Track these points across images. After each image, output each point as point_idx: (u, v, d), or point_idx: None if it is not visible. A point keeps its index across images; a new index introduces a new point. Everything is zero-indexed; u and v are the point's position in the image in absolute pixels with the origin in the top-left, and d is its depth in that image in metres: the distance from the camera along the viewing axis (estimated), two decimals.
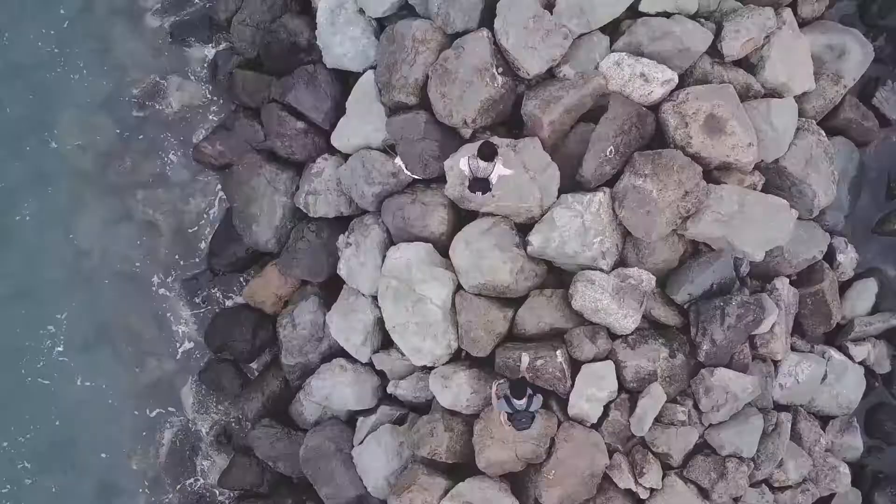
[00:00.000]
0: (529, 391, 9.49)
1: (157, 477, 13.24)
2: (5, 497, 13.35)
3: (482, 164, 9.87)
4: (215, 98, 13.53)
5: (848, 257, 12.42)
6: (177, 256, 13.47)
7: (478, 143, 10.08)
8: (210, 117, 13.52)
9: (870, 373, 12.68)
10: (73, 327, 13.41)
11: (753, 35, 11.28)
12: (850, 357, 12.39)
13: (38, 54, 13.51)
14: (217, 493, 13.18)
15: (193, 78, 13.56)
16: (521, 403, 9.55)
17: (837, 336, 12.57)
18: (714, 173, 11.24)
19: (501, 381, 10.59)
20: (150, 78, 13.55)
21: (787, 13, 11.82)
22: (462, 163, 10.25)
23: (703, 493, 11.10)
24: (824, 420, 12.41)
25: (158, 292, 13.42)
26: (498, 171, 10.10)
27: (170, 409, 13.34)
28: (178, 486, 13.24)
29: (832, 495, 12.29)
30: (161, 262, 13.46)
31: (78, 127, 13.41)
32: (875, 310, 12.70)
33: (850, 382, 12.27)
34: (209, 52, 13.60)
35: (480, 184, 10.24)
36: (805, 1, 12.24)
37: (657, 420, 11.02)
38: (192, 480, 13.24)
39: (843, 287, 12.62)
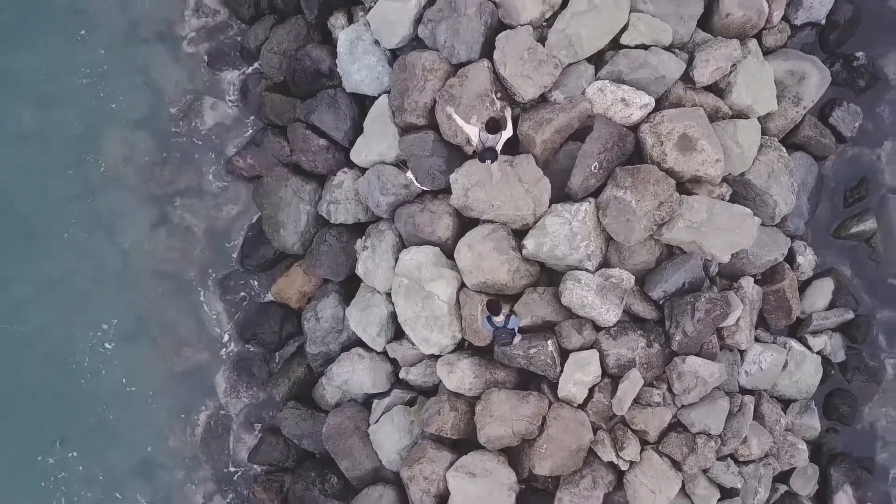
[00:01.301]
0: (510, 312, 11.08)
1: (194, 454, 14.73)
2: (56, 468, 14.71)
3: (490, 136, 11.30)
4: (246, 117, 14.94)
5: (807, 259, 13.89)
6: (211, 258, 14.88)
7: (486, 119, 11.49)
8: (241, 134, 14.93)
9: (827, 361, 14.15)
10: (117, 321, 14.82)
11: (721, 64, 12.76)
12: (809, 347, 13.86)
13: (86, 76, 14.94)
14: (247, 468, 14.62)
15: (226, 99, 14.98)
16: (499, 320, 11.14)
17: (798, 329, 14.05)
18: (686, 185, 12.70)
19: (481, 310, 12.00)
20: (186, 98, 14.99)
21: (753, 43, 13.29)
22: (473, 135, 11.59)
23: (676, 465, 12.54)
24: (786, 403, 13.88)
25: (194, 289, 14.83)
26: (504, 139, 11.50)
27: (205, 393, 14.77)
28: (212, 463, 14.72)
29: (792, 469, 13.77)
30: (196, 262, 14.89)
31: (122, 142, 14.86)
32: (832, 305, 14.17)
33: (808, 370, 13.75)
34: (240, 76, 15.00)
35: (489, 153, 11.52)
36: (769, 32, 13.70)
37: (636, 401, 12.45)
38: (224, 457, 14.71)
39: (804, 285, 14.06)
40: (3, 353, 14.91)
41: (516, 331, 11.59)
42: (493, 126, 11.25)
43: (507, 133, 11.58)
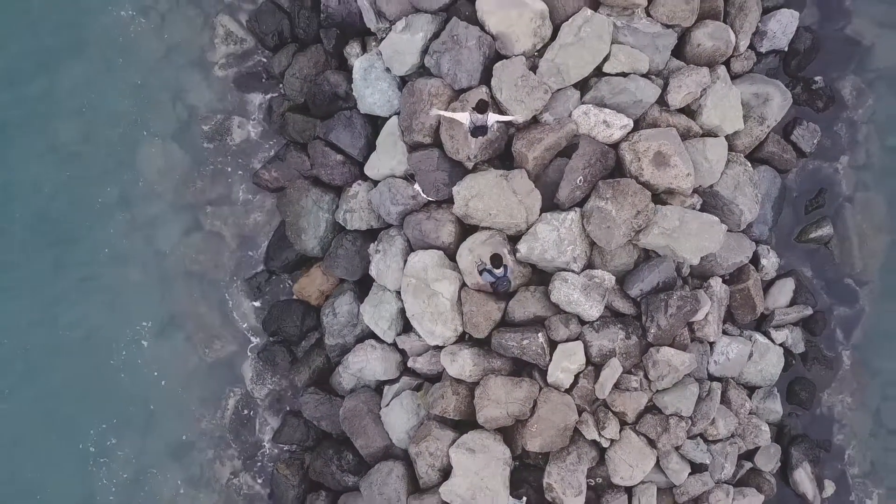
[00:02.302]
0: (504, 264, 12.87)
1: (223, 436, 16.22)
2: (97, 446, 16.15)
3: (479, 116, 12.83)
4: (270, 135, 16.40)
5: (770, 261, 15.47)
6: (239, 260, 16.34)
7: (476, 101, 13.04)
8: (266, 150, 16.38)
9: (788, 353, 15.71)
10: (154, 316, 16.32)
11: (692, 89, 14.31)
12: (772, 340, 15.42)
13: (127, 97, 16.37)
14: (271, 447, 16.12)
15: (252, 118, 16.43)
16: (499, 272, 12.83)
17: (762, 323, 15.60)
18: (661, 196, 14.26)
19: (480, 264, 13.51)
20: (217, 118, 16.42)
21: (722, 69, 14.83)
22: (464, 117, 13.03)
23: (651, 443, 14.08)
24: (751, 389, 15.43)
25: (224, 288, 16.28)
26: (493, 118, 13.04)
27: (233, 381, 16.26)
28: (240, 443, 16.20)
29: (757, 448, 15.31)
30: (225, 264, 16.36)
31: (159, 156, 16.33)
32: (793, 303, 15.72)
33: (771, 360, 15.32)
34: (265, 98, 16.45)
35: (480, 130, 13.12)
36: (737, 59, 15.28)
37: (616, 386, 13.96)
38: (250, 438, 16.21)
39: (767, 285, 15.60)
40: (50, 348, 16.34)
41: (511, 280, 13.27)
42: (482, 107, 12.77)
43: (494, 116, 13.08)
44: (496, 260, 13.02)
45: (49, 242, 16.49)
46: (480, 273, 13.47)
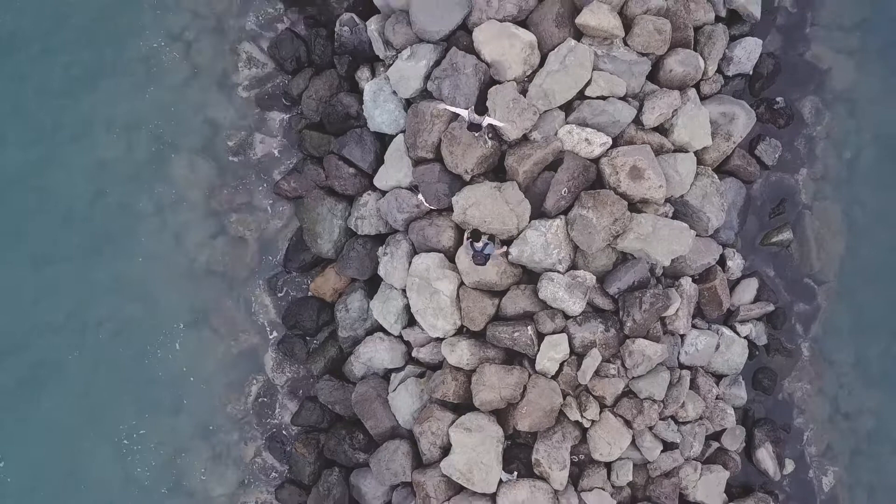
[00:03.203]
0: (485, 240, 14.54)
1: (246, 418, 17.71)
2: (133, 429, 17.63)
3: (477, 116, 14.59)
4: (289, 149, 17.89)
5: (735, 263, 17.18)
6: (260, 262, 17.81)
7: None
8: (285, 163, 17.85)
9: (752, 345, 17.40)
10: (184, 312, 17.75)
11: (664, 110, 15.96)
12: (737, 333, 17.11)
13: (157, 115, 17.85)
14: (289, 429, 17.66)
15: (273, 134, 17.93)
16: (479, 245, 14.46)
17: (728, 318, 17.28)
18: (636, 205, 15.87)
19: (467, 238, 15.05)
20: (240, 134, 17.87)
21: (692, 91, 16.47)
22: (465, 113, 14.72)
23: (628, 423, 15.72)
24: (718, 377, 17.11)
25: (247, 287, 17.75)
26: (488, 121, 14.74)
27: (255, 370, 17.75)
28: (261, 425, 17.74)
29: (723, 430, 17.01)
30: (249, 265, 17.80)
31: (188, 168, 17.78)
32: (756, 299, 17.42)
33: (736, 351, 17.01)
34: (285, 116, 17.91)
35: (475, 127, 14.85)
36: (706, 82, 16.96)
37: (596, 373, 15.56)
38: (270, 420, 17.75)
39: (733, 284, 17.28)
40: (91, 342, 17.76)
41: (490, 254, 14.89)
42: (481, 110, 14.54)
43: (489, 119, 14.81)
44: (475, 234, 14.75)
45: (88, 244, 17.91)
46: (465, 247, 15.16)
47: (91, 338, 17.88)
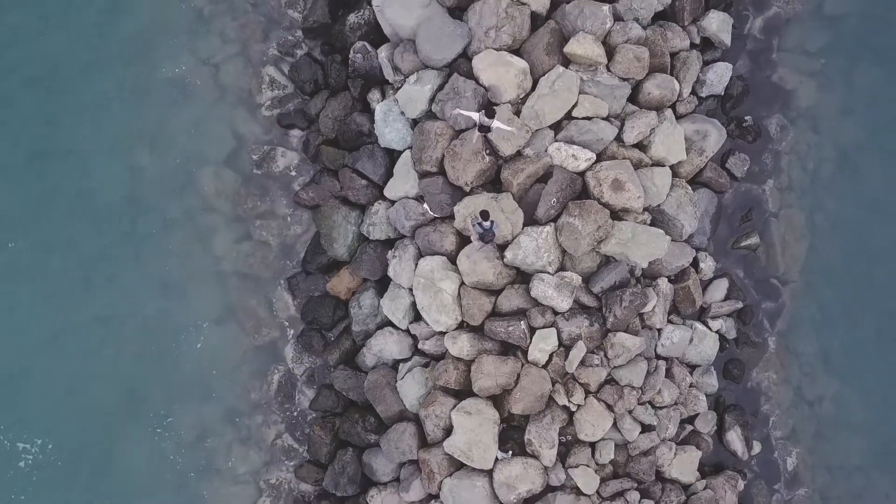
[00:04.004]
0: (491, 219, 15.90)
1: (268, 404, 19.27)
2: (160, 420, 19.15)
3: (486, 119, 16.09)
4: (307, 163, 19.40)
5: (707, 264, 18.93)
6: (281, 263, 19.37)
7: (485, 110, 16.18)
8: (304, 175, 19.38)
9: (723, 338, 19.04)
10: (212, 308, 19.28)
11: (643, 129, 17.70)
12: (709, 328, 18.78)
13: (188, 130, 19.46)
14: (308, 413, 19.22)
15: (293, 149, 19.48)
16: (486, 224, 15.94)
17: (701, 314, 18.95)
18: (618, 213, 17.54)
19: (474, 219, 16.40)
20: (263, 148, 19.40)
21: (668, 112, 18.16)
22: (476, 117, 16.20)
23: (610, 408, 17.37)
24: (692, 367, 18.80)
25: (269, 286, 19.28)
26: (497, 124, 16.19)
27: (277, 361, 19.30)
28: (282, 410, 19.30)
29: (697, 415, 18.75)
30: (271, 266, 19.32)
31: (215, 179, 19.34)
32: (727, 298, 19.08)
33: (708, 344, 18.70)
34: (303, 133, 19.38)
35: (485, 128, 16.34)
36: (681, 103, 18.66)
37: (581, 363, 17.16)
38: (290, 406, 19.33)
39: (706, 283, 18.98)
40: (126, 335, 19.21)
41: (495, 233, 16.32)
42: (491, 113, 16.09)
43: (497, 122, 16.26)
44: (483, 214, 16.12)
45: (124, 246, 19.43)
46: (473, 227, 16.55)
47: (127, 331, 19.33)
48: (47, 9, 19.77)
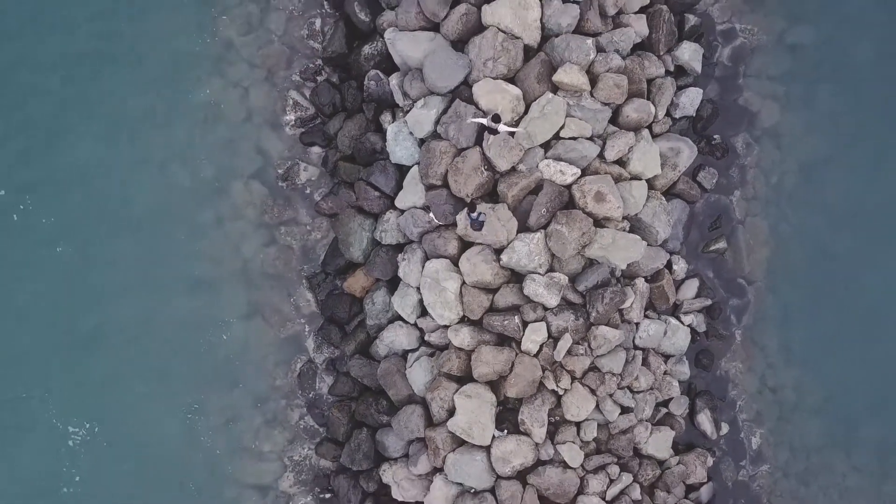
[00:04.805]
0: (480, 211, 17.99)
1: (291, 390, 21.38)
2: (195, 405, 21.35)
3: (493, 123, 18.13)
4: (326, 176, 21.36)
5: (680, 266, 21.17)
6: (303, 265, 21.45)
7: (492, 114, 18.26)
8: (324, 187, 21.32)
9: (694, 331, 21.25)
10: (241, 304, 21.35)
11: (622, 148, 19.77)
12: (682, 322, 20.98)
13: (220, 147, 21.46)
14: (327, 398, 21.33)
15: (314, 164, 21.54)
16: (474, 215, 18.17)
17: (674, 310, 21.15)
18: (600, 222, 19.57)
19: (468, 210, 18.49)
20: (287, 163, 21.38)
21: (645, 132, 20.21)
22: (485, 122, 18.21)
23: (593, 392, 19.48)
24: (666, 357, 21.01)
25: (293, 285, 21.32)
26: (503, 127, 18.23)
27: (299, 351, 21.39)
28: (304, 395, 21.46)
29: (671, 399, 21.09)
30: (294, 268, 21.36)
31: (245, 190, 21.34)
32: (698, 295, 21.29)
33: (681, 336, 20.91)
34: (323, 150, 21.26)
35: (493, 131, 18.22)
36: (657, 123, 20.69)
37: (568, 353, 19.20)
38: (311, 391, 21.46)
39: (679, 283, 21.16)
40: (154, 329, 21.21)
41: (484, 221, 18.37)
42: (497, 119, 18.22)
43: (504, 126, 18.44)
44: (471, 206, 18.39)
45: (162, 251, 21.44)
46: (464, 218, 18.67)
47: (164, 326, 21.36)
48: (98, 43, 21.83)
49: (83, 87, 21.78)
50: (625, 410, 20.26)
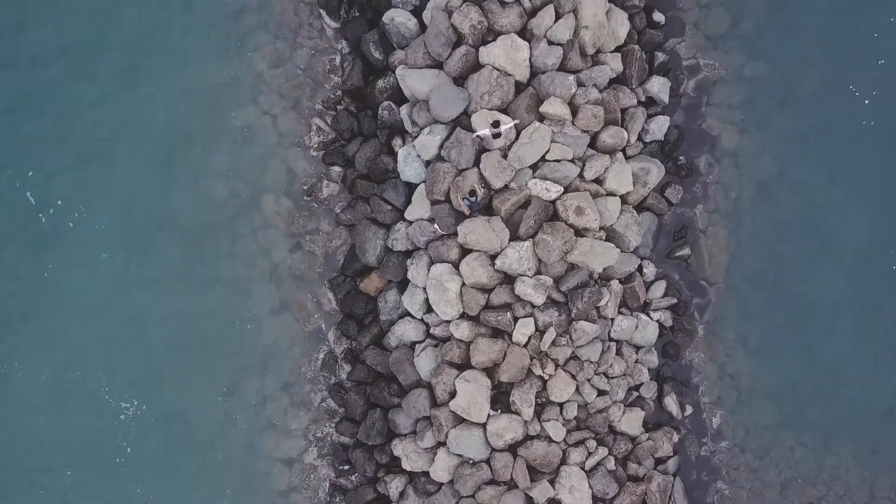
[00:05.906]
0: (477, 195, 21.01)
1: (315, 376, 24.56)
2: (230, 388, 24.52)
3: (493, 129, 21.28)
4: (345, 192, 24.42)
5: (650, 270, 24.46)
6: (325, 268, 24.52)
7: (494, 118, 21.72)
8: (343, 201, 24.41)
9: (662, 326, 24.41)
10: (270, 302, 24.42)
11: (599, 168, 23.09)
12: (651, 318, 24.20)
13: (253, 166, 24.55)
14: (345, 382, 24.38)
15: (334, 181, 24.60)
16: (472, 199, 21.01)
17: (645, 307, 24.37)
18: (580, 232, 22.83)
19: (464, 196, 21.39)
20: (311, 180, 24.47)
21: (619, 154, 23.53)
22: (488, 131, 21.28)
23: (573, 377, 22.71)
24: (637, 347, 24.20)
25: (316, 285, 24.43)
26: (503, 128, 21.24)
27: (322, 342, 24.54)
28: (325, 380, 24.59)
29: (641, 384, 24.29)
30: (317, 271, 24.49)
31: (273, 203, 24.43)
32: (665, 295, 24.44)
33: (650, 330, 24.13)
34: (343, 170, 24.45)
35: (496, 135, 21.47)
36: (629, 147, 23.96)
37: (553, 344, 22.40)
38: (333, 377, 24.60)
39: (648, 284, 24.40)
40: (195, 322, 24.18)
41: (480, 204, 21.31)
42: (496, 125, 21.36)
43: (503, 127, 21.63)
44: (471, 191, 21.41)
45: (202, 254, 24.50)
46: (463, 202, 21.57)
47: (204, 319, 24.42)
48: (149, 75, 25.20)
49: (136, 110, 24.96)
50: (601, 393, 23.35)
